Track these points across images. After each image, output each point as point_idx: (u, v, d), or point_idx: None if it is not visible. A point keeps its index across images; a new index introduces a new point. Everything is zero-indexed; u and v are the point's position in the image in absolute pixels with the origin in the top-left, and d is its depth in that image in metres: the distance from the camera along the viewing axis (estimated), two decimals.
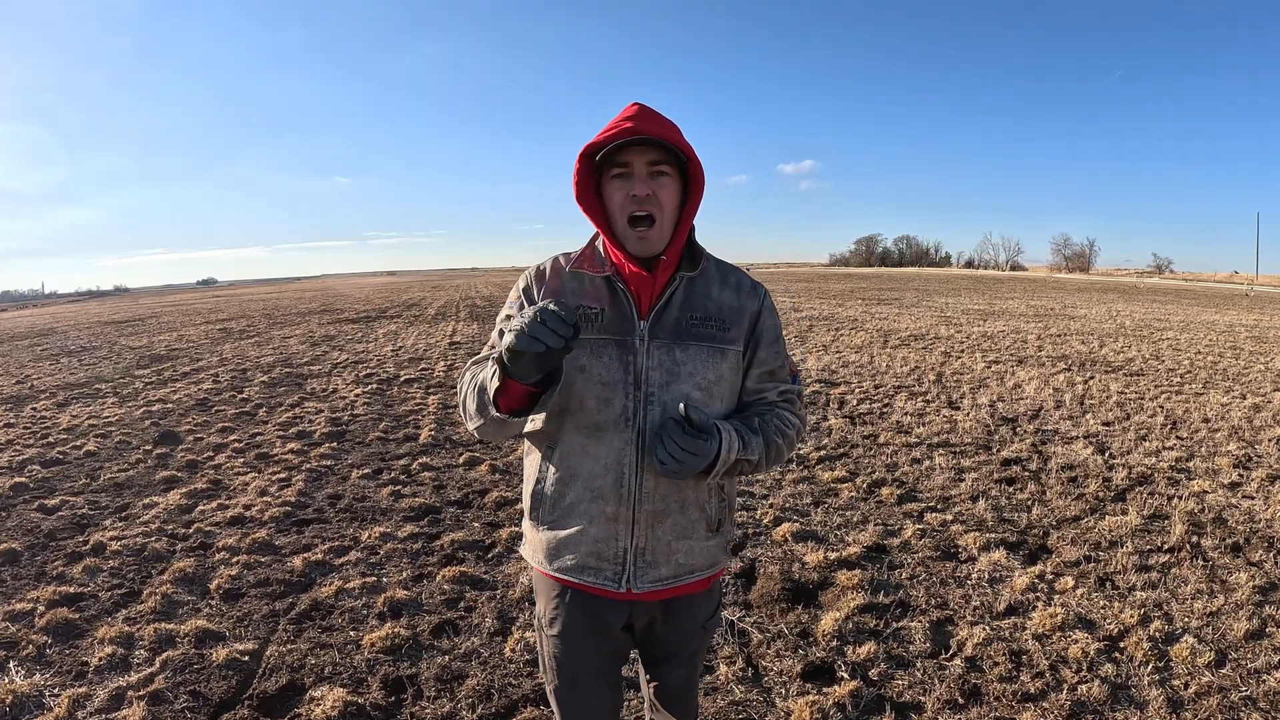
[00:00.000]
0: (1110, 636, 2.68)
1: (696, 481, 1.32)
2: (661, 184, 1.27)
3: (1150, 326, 14.17)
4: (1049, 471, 4.66)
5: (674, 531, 1.32)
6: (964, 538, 3.56)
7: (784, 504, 4.06)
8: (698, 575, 1.37)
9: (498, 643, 2.69)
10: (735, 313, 1.35)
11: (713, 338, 1.32)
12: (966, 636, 2.67)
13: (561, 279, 1.35)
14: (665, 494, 1.30)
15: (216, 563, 3.38)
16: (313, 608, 2.95)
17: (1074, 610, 2.85)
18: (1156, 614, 2.84)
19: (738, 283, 1.39)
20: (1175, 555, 3.39)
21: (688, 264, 1.34)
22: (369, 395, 7.40)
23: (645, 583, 1.32)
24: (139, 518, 3.96)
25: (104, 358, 11.34)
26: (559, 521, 1.33)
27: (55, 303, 52.67)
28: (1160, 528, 3.72)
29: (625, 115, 1.28)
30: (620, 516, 1.29)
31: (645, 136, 1.22)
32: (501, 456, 5.05)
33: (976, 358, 9.52)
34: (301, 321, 17.41)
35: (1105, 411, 6.36)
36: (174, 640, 2.70)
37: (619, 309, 1.31)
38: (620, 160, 1.26)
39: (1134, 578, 3.15)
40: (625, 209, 1.26)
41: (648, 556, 1.31)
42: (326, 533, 3.75)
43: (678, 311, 1.32)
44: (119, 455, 5.31)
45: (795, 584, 3.09)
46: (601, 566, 1.32)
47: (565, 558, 1.33)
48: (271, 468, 4.90)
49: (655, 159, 1.26)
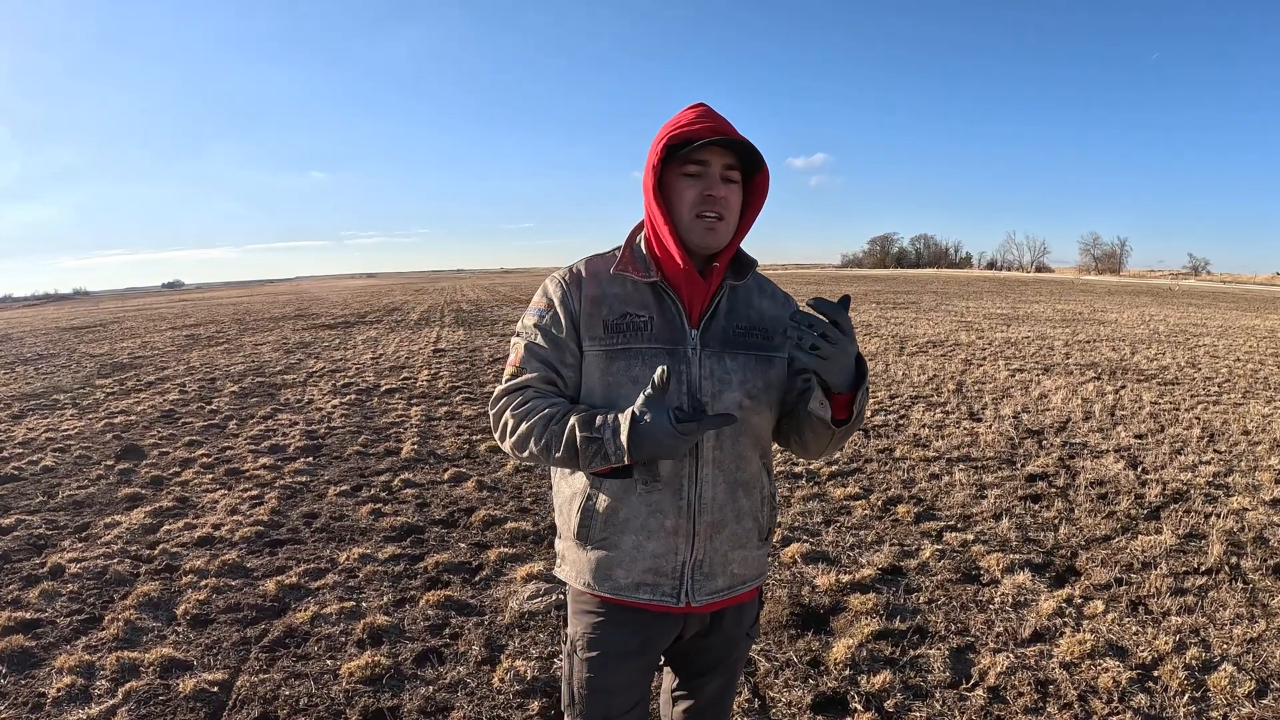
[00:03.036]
0: (1143, 665, 2.69)
1: (742, 470, 1.37)
2: (732, 189, 1.34)
3: (1186, 332, 14.22)
4: (1077, 488, 4.67)
5: (730, 542, 1.38)
6: (986, 559, 3.57)
7: (793, 523, 4.07)
8: (749, 585, 1.45)
9: (485, 672, 2.69)
10: (777, 322, 1.43)
11: (759, 346, 1.39)
12: (989, 665, 2.68)
13: (601, 284, 1.38)
14: (723, 504, 1.36)
15: (183, 586, 3.38)
16: (287, 635, 2.95)
17: (1104, 637, 2.86)
18: (1193, 640, 2.85)
19: (773, 292, 1.48)
20: (1213, 577, 3.40)
21: (733, 273, 1.41)
22: (347, 406, 7.40)
23: (703, 595, 1.38)
24: (100, 538, 3.96)
25: (62, 366, 11.34)
26: (611, 539, 1.36)
27: (10, 307, 52.72)
28: (1197, 548, 3.73)
29: (698, 114, 1.35)
30: (680, 530, 1.34)
31: (733, 139, 1.30)
32: (489, 472, 5.05)
33: (999, 366, 9.55)
34: (274, 327, 17.43)
35: (1137, 423, 6.39)
36: (138, 670, 2.70)
37: (667, 317, 1.36)
38: (698, 159, 1.32)
39: (1169, 602, 3.16)
40: (695, 206, 1.32)
41: (705, 569, 1.37)
42: (301, 554, 3.75)
43: (725, 320, 1.38)
44: (78, 471, 5.31)
45: (805, 609, 3.10)
46: (659, 583, 1.36)
47: (618, 577, 1.37)
48: (242, 484, 4.90)
49: (730, 163, 1.34)
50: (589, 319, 1.36)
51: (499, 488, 4.74)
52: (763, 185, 1.38)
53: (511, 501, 4.47)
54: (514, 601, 3.17)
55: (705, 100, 1.40)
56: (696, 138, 1.30)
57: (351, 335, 14.77)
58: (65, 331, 18.82)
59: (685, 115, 1.36)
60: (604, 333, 1.35)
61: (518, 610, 3.09)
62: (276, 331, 16.18)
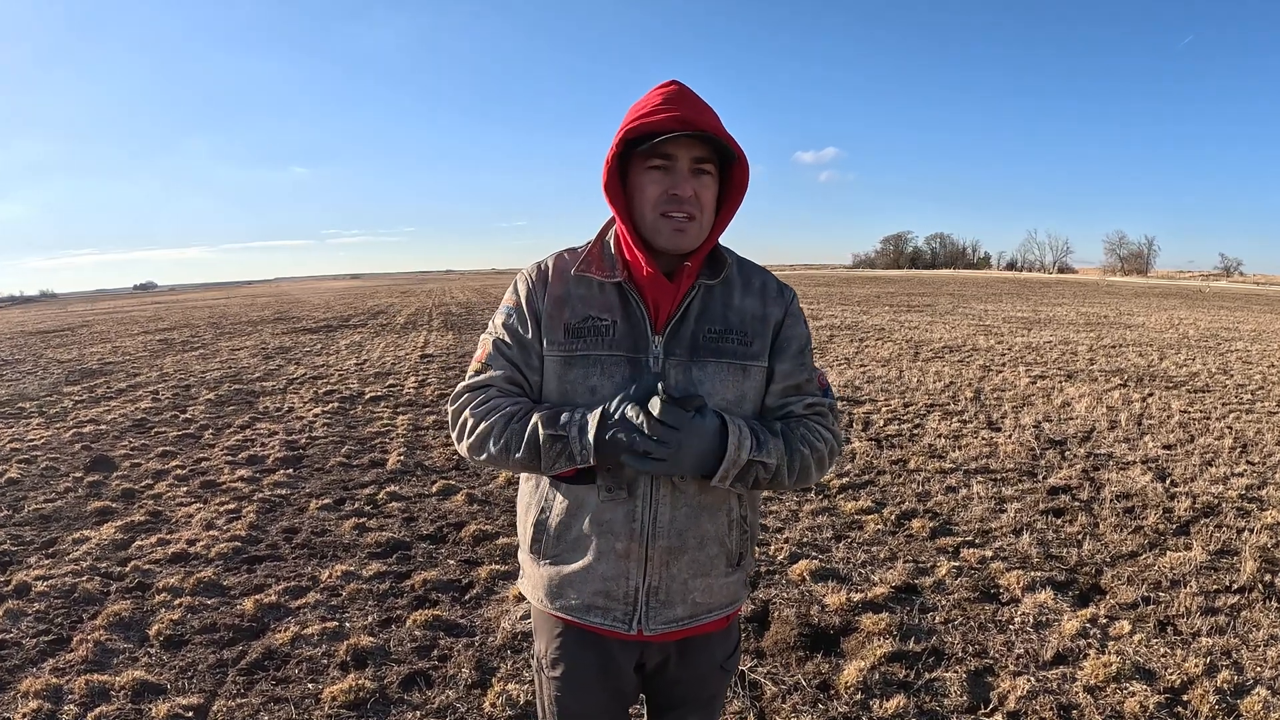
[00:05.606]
0: (1172, 688, 2.69)
1: (705, 493, 1.31)
2: (704, 183, 1.28)
3: (1217, 336, 14.25)
4: (1102, 501, 4.68)
5: (691, 569, 1.33)
6: (1006, 576, 3.58)
7: (801, 538, 4.08)
8: (715, 614, 1.39)
9: (476, 696, 2.69)
10: (759, 323, 1.35)
11: (734, 353, 1.32)
12: (1009, 689, 2.69)
13: (567, 283, 1.34)
14: (682, 528, 1.31)
15: (156, 605, 3.38)
16: (266, 657, 2.95)
17: (1131, 659, 2.86)
18: (1224, 663, 2.85)
19: (763, 286, 1.39)
20: (1246, 596, 3.41)
21: (709, 271, 1.35)
22: (329, 415, 7.41)
23: (658, 623, 1.33)
24: (68, 554, 3.97)
25: (28, 372, 11.35)
26: (563, 556, 1.34)
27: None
28: (1229, 565, 3.74)
29: (666, 96, 1.28)
30: (632, 553, 1.30)
31: (698, 131, 1.23)
32: (480, 485, 5.06)
33: (1020, 372, 9.57)
34: (253, 331, 17.45)
35: (1166, 433, 6.40)
36: (108, 694, 2.70)
37: (632, 321, 1.31)
38: (663, 151, 1.26)
39: (1199, 622, 3.17)
40: (659, 205, 1.27)
41: (661, 596, 1.32)
42: (281, 571, 3.75)
43: (694, 324, 1.32)
44: (45, 483, 5.31)
45: (814, 629, 3.10)
46: (610, 606, 1.33)
47: (569, 596, 1.35)
48: (219, 498, 4.90)
49: (701, 155, 1.27)
50: (550, 320, 1.33)
51: (490, 501, 4.75)
52: (742, 176, 1.32)
53: (503, 516, 4.48)
54: (506, 621, 3.18)
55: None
56: (659, 130, 1.23)
57: (334, 340, 14.79)
58: (31, 336, 18.84)
59: (651, 99, 1.28)
60: (564, 337, 1.31)
61: (510, 631, 3.09)
62: (255, 336, 16.20)
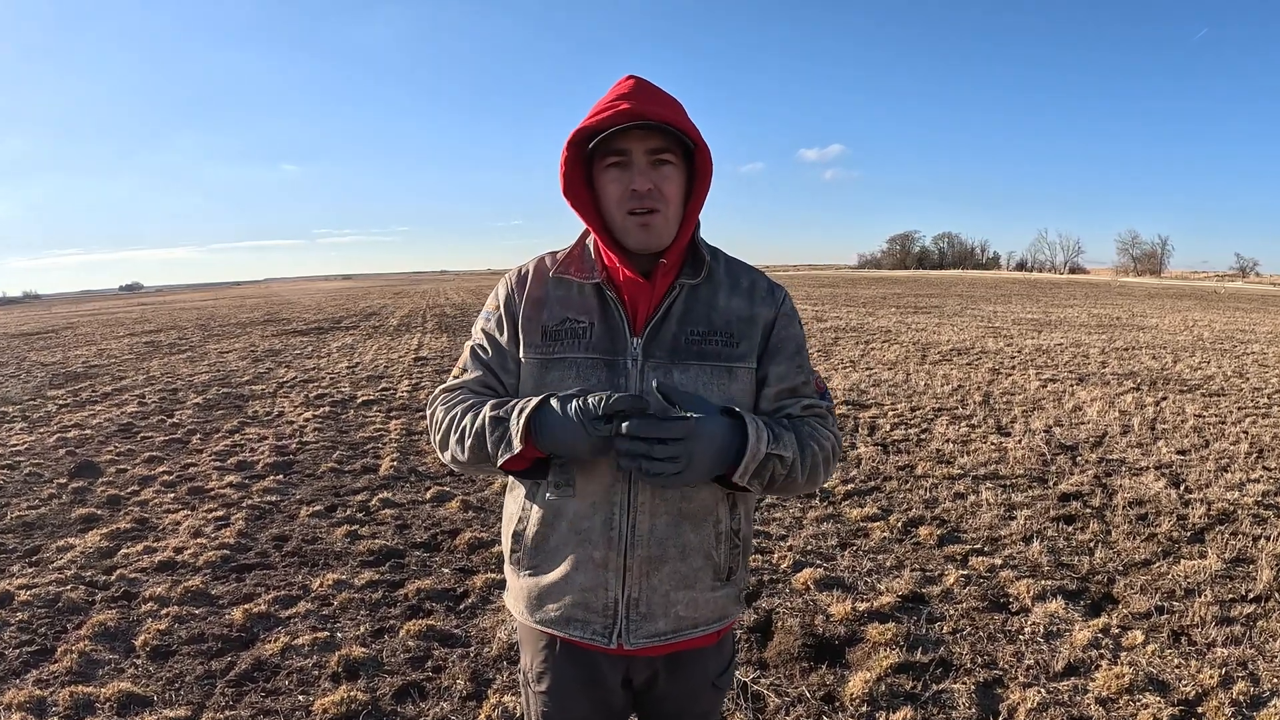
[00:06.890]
0: (1186, 700, 2.70)
1: (687, 501, 1.29)
2: (665, 175, 1.26)
3: (1233, 339, 14.26)
4: (1114, 508, 4.69)
5: (673, 580, 1.31)
6: (1015, 585, 3.58)
7: (805, 546, 4.08)
8: (701, 630, 1.36)
9: (471, 708, 2.69)
10: (746, 323, 1.33)
11: (718, 355, 1.31)
12: (1019, 701, 2.69)
13: (546, 285, 1.35)
14: (662, 537, 1.29)
15: (143, 615, 3.38)
16: (255, 668, 2.95)
17: (1144, 670, 2.86)
18: (1240, 674, 2.85)
19: (751, 285, 1.37)
20: (1262, 605, 3.41)
21: (690, 269, 1.34)
22: (321, 419, 7.42)
23: (639, 638, 1.31)
24: (52, 563, 3.97)
25: (11, 376, 11.35)
26: (541, 567, 1.34)
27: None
28: (1244, 573, 3.74)
29: (619, 92, 1.27)
30: (610, 562, 1.29)
31: (645, 120, 1.20)
32: (475, 491, 5.06)
33: (1029, 375, 9.58)
34: (242, 333, 17.45)
35: (1180, 438, 6.41)
36: (93, 706, 2.70)
37: (610, 323, 1.31)
38: (617, 148, 1.24)
39: (1214, 632, 3.17)
40: (623, 204, 1.26)
41: (642, 608, 1.31)
42: (271, 580, 3.75)
43: (676, 325, 1.31)
44: (28, 489, 5.31)
45: (818, 639, 3.10)
46: (589, 619, 1.32)
47: (548, 608, 1.34)
48: (207, 504, 4.90)
49: (657, 146, 1.25)
50: (528, 323, 1.33)
51: (485, 508, 4.75)
52: (706, 166, 1.30)
53: (499, 523, 4.47)
54: (502, 632, 3.18)
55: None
56: (602, 127, 1.22)
57: (325, 342, 14.79)
58: (14, 338, 18.84)
59: (605, 97, 1.27)
60: (541, 339, 1.32)
61: (506, 641, 3.09)
62: (244, 338, 16.20)
